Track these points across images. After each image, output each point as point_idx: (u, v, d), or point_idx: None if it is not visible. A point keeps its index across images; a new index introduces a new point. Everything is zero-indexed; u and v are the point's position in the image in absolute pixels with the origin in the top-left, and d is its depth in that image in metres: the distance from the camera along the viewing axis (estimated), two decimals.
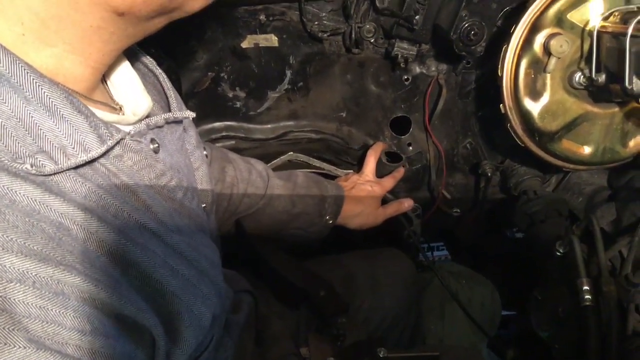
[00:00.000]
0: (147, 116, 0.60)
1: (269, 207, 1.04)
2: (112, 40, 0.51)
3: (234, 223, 1.02)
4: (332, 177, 1.30)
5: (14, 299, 0.40)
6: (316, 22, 1.11)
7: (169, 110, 0.66)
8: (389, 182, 1.25)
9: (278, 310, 0.96)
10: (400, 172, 1.28)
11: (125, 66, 0.61)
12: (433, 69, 1.22)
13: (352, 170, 1.31)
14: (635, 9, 0.93)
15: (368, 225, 1.19)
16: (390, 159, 1.33)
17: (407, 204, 1.25)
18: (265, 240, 1.03)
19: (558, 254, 1.01)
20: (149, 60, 0.70)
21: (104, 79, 0.60)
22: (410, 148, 1.32)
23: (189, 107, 0.71)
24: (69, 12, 0.45)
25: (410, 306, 1.18)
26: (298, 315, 0.97)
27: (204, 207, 0.72)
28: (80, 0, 0.45)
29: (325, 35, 1.12)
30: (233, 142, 1.27)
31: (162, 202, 0.57)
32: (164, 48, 1.07)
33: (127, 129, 0.54)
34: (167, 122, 0.64)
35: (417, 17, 1.01)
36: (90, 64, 0.51)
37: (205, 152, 0.80)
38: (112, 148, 0.51)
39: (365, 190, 1.20)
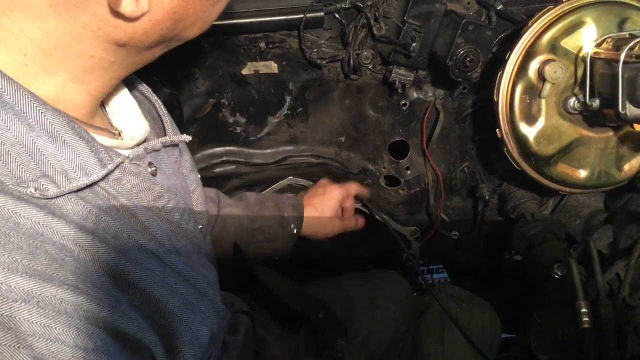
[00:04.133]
0: (145, 140, 0.62)
1: (225, 230, 1.03)
2: (112, 69, 0.53)
3: (232, 247, 1.02)
4: None
5: (19, 318, 0.41)
6: (315, 49, 1.13)
7: (165, 135, 0.68)
8: (353, 187, 1.20)
9: (276, 333, 0.96)
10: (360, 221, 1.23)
11: (124, 93, 0.63)
12: (430, 94, 1.24)
13: None
14: (627, 36, 0.94)
15: (327, 230, 1.15)
16: (389, 182, 1.34)
17: (360, 221, 1.21)
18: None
19: (556, 276, 1.01)
20: (145, 88, 0.71)
21: (102, 105, 0.62)
22: (409, 172, 1.33)
23: (190, 133, 0.73)
24: (71, 43, 0.47)
25: (408, 329, 1.17)
26: (297, 339, 0.97)
27: (200, 228, 0.73)
28: (83, 32, 0.47)
29: (324, 61, 1.14)
30: (233, 166, 1.28)
31: (160, 223, 0.59)
32: (166, 76, 1.09)
33: (126, 152, 0.56)
34: (164, 146, 0.65)
35: (413, 44, 1.03)
36: (90, 92, 0.53)
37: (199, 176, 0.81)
38: (112, 171, 0.52)
39: (322, 190, 1.16)
